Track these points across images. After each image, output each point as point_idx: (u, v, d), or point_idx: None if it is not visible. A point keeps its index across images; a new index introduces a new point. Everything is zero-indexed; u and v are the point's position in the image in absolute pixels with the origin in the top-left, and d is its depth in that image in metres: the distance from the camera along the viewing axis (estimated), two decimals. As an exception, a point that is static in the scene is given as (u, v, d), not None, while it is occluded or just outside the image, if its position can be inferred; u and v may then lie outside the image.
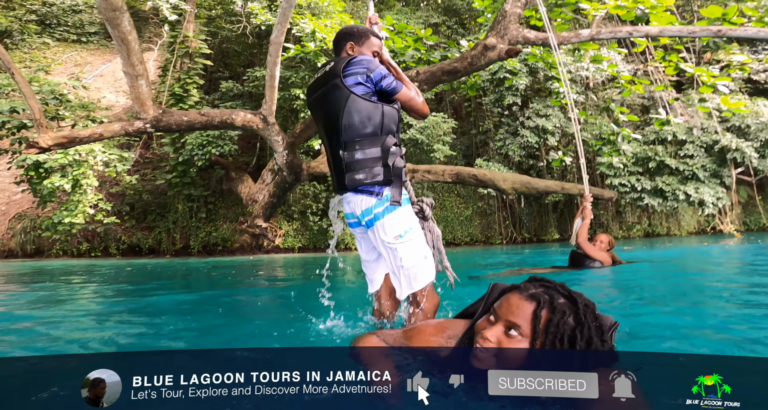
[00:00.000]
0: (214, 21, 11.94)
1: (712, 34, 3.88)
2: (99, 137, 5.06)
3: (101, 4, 4.03)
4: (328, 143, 1.80)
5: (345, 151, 1.70)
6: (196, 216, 10.59)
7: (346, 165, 1.70)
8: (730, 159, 10.55)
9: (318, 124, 1.89)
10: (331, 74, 1.75)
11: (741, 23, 4.61)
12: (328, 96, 1.74)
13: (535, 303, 1.05)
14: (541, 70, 9.69)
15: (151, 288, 4.65)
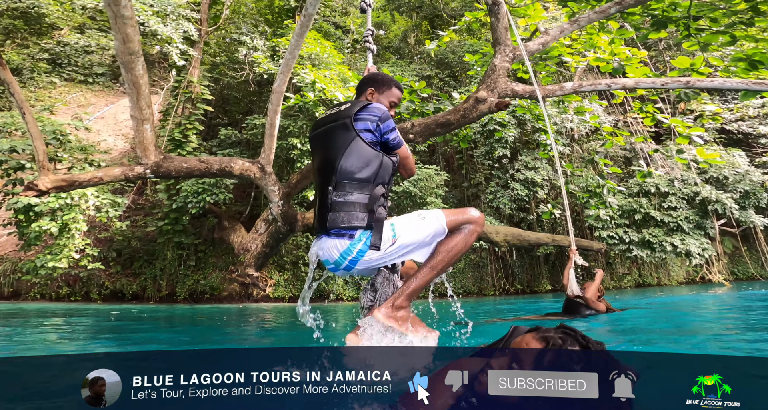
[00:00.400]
0: (217, 67, 12.37)
1: (683, 85, 4.16)
2: (99, 181, 5.07)
3: (119, 47, 4.19)
4: (320, 179, 1.79)
5: (335, 190, 1.70)
6: (184, 263, 10.39)
7: (331, 204, 1.70)
8: (711, 210, 10.90)
9: (315, 158, 1.88)
10: (344, 114, 1.78)
11: (708, 73, 5.00)
12: (334, 133, 1.76)
13: (544, 344, 1.06)
14: (529, 122, 10.23)
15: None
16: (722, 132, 13.64)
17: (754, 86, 3.90)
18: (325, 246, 1.75)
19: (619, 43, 5.93)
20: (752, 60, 4.80)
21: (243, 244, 8.51)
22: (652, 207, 10.79)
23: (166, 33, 9.65)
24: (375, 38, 16.11)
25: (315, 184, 1.87)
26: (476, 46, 11.39)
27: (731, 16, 4.84)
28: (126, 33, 4.15)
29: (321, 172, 1.79)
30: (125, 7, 3.93)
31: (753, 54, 4.76)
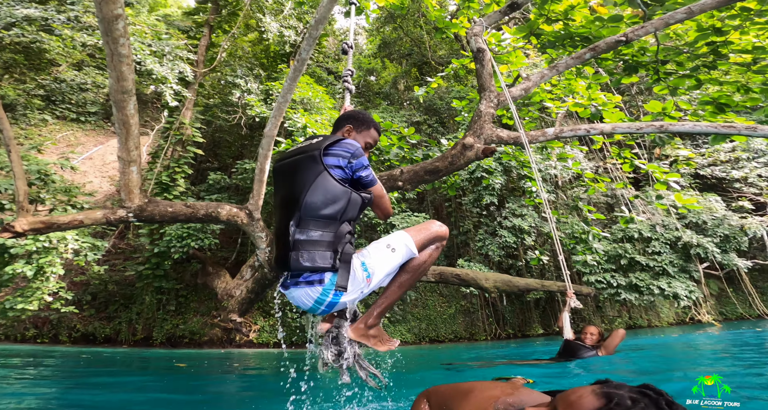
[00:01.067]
0: (210, 110, 12.43)
1: (657, 130, 4.34)
2: (79, 224, 4.92)
3: (112, 85, 4.21)
4: (281, 214, 1.67)
5: (297, 227, 1.59)
6: (164, 308, 10.00)
7: (293, 242, 1.58)
8: (694, 254, 11.09)
9: (277, 192, 1.75)
10: (314, 146, 1.68)
11: (679, 117, 5.26)
12: (301, 166, 1.65)
13: (605, 400, 0.84)
14: (515, 169, 10.55)
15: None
16: (697, 177, 14.21)
17: (722, 130, 4.10)
18: (296, 295, 1.66)
19: (596, 88, 6.28)
20: (718, 103, 5.11)
21: (227, 290, 8.19)
22: (637, 252, 10.94)
23: (162, 73, 9.78)
24: (366, 84, 16.78)
25: (275, 220, 1.73)
26: (463, 92, 11.93)
27: (695, 60, 5.20)
28: (121, 71, 4.19)
29: (283, 206, 1.68)
30: (123, 45, 4.00)
31: (719, 97, 5.08)
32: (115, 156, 14.67)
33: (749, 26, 4.68)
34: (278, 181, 1.78)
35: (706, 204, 11.95)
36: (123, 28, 3.87)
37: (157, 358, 7.02)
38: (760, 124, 4.86)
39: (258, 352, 8.68)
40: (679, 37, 5.46)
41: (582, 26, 5.46)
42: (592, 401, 0.83)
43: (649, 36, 5.08)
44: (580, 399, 0.85)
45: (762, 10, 4.43)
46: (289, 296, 1.71)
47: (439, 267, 6.27)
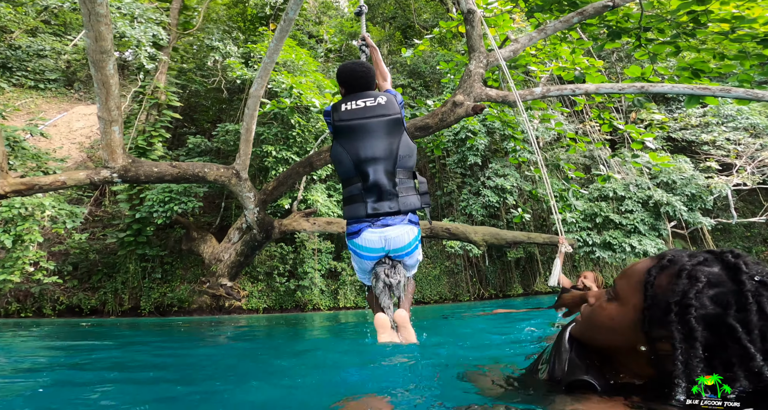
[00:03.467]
0: (185, 74, 12.07)
1: (637, 91, 4.50)
2: (61, 185, 4.80)
3: (90, 45, 4.01)
4: (379, 165, 1.93)
5: (396, 176, 1.93)
6: (149, 276, 9.90)
7: (398, 189, 1.92)
8: (663, 213, 11.66)
9: (364, 143, 1.96)
10: (390, 107, 2.01)
11: (657, 82, 5.44)
12: (390, 126, 1.98)
13: (657, 261, 0.78)
14: (498, 131, 10.65)
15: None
16: (669, 140, 14.74)
17: (698, 91, 4.29)
18: (399, 232, 1.93)
19: (580, 53, 6.36)
20: (694, 69, 5.28)
21: (215, 254, 8.21)
22: (611, 211, 11.43)
23: (135, 36, 9.32)
24: (348, 48, 16.24)
25: (369, 172, 1.94)
26: (448, 56, 11.80)
27: (676, 28, 5.33)
28: (99, 31, 4.01)
29: (380, 161, 1.94)
30: (101, 4, 3.81)
31: (695, 63, 5.25)
32: (81, 122, 13.99)
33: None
34: (371, 135, 1.98)
35: (676, 164, 12.45)
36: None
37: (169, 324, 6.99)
38: (733, 87, 5.08)
39: (263, 317, 8.75)
40: (662, 6, 5.52)
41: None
42: (646, 262, 0.80)
43: (633, 3, 5.13)
44: (635, 265, 0.82)
45: None
46: (387, 236, 1.92)
47: (428, 223, 6.43)
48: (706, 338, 0.67)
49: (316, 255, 10.08)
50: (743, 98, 4.16)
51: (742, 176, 12.79)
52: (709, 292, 0.68)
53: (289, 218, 6.84)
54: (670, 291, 0.71)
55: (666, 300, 0.71)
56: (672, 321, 0.69)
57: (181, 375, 2.26)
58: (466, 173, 11.64)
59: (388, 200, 1.90)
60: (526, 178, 11.49)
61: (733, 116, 14.00)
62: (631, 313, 0.76)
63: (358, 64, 2.13)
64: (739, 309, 0.65)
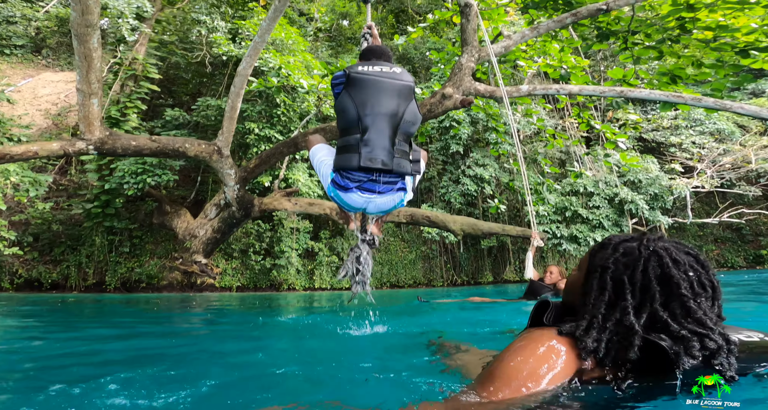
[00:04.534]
0: (166, 46, 11.62)
1: (617, 94, 4.72)
2: (33, 156, 4.59)
3: (76, 18, 3.91)
4: (384, 122, 1.98)
5: (396, 138, 2.00)
6: (116, 250, 9.60)
7: (395, 149, 1.97)
8: (627, 210, 12.30)
9: (377, 101, 2.01)
10: (407, 78, 2.14)
11: (636, 85, 5.69)
12: (403, 92, 2.08)
13: (602, 241, 1.07)
14: (481, 121, 10.79)
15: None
16: (640, 140, 15.39)
17: (672, 99, 4.55)
18: (385, 200, 2.04)
19: (568, 52, 6.50)
20: (673, 74, 5.54)
21: (189, 230, 8.06)
22: (580, 206, 11.94)
23: (118, 7, 8.90)
24: (339, 28, 15.77)
25: (371, 125, 1.97)
26: (439, 43, 11.73)
27: (663, 33, 5.53)
28: (87, 4, 3.89)
29: (386, 117, 2.00)
30: None
31: (674, 69, 5.50)
32: (47, 89, 13.24)
33: (720, 5, 4.95)
34: (384, 92, 2.05)
35: (644, 164, 13.07)
36: None
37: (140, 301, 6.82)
38: (705, 96, 5.37)
39: (237, 296, 8.65)
40: (653, 10, 5.68)
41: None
42: (597, 243, 1.11)
43: (626, 6, 5.26)
44: (593, 245, 1.12)
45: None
46: (374, 201, 2.03)
47: (410, 208, 6.53)
48: (612, 289, 0.95)
49: (294, 235, 10.06)
50: (713, 108, 4.43)
51: (701, 179, 13.60)
52: (622, 259, 0.97)
53: (270, 197, 6.79)
54: (600, 258, 1.01)
55: (596, 265, 1.01)
56: (594, 278, 0.99)
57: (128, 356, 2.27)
58: (447, 161, 11.80)
59: (383, 156, 1.93)
60: (504, 169, 11.77)
61: (701, 120, 14.73)
62: (582, 276, 1.06)
63: (382, 47, 2.35)
64: (633, 270, 0.94)
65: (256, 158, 6.42)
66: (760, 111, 4.29)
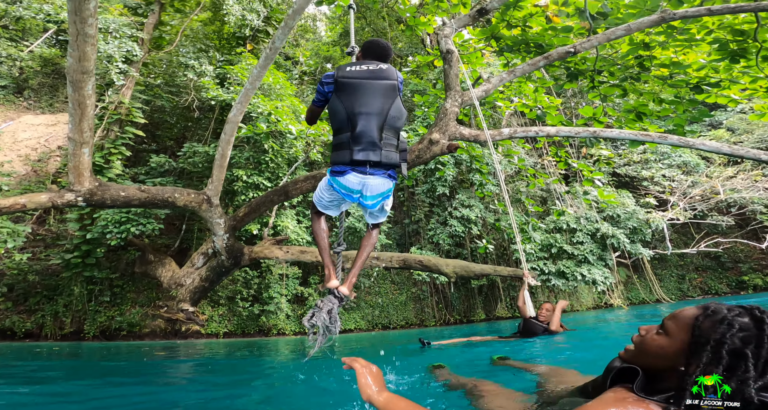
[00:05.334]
0: (152, 89, 11.60)
1: (591, 135, 5.01)
2: (21, 208, 4.51)
3: (72, 65, 3.90)
4: (371, 120, 2.16)
5: (383, 132, 2.17)
6: (96, 299, 9.21)
7: (383, 143, 2.15)
8: (609, 244, 12.60)
9: (363, 101, 2.19)
10: (392, 76, 2.29)
11: (605, 122, 6.03)
12: (387, 89, 2.24)
13: (703, 309, 1.06)
14: (465, 163, 11.11)
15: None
16: (613, 175, 16.10)
17: (640, 137, 4.86)
18: (377, 182, 2.20)
19: (542, 92, 6.92)
20: (638, 111, 5.92)
21: (175, 279, 7.84)
22: (565, 242, 12.19)
23: (108, 51, 9.03)
24: (323, 71, 16.34)
25: (360, 123, 2.16)
26: (420, 85, 12.26)
27: (624, 71, 5.97)
28: (84, 51, 3.93)
29: (372, 116, 2.18)
30: (90, 25, 3.75)
31: (638, 106, 5.89)
32: (28, 133, 13.06)
33: (671, 42, 5.43)
34: (370, 93, 2.23)
35: (620, 199, 13.58)
36: (94, 7, 3.65)
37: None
38: (669, 133, 5.74)
39: (224, 342, 8.34)
40: (614, 48, 6.18)
41: (537, 34, 5.96)
42: (692, 311, 1.08)
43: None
44: (682, 312, 1.11)
45: (684, 28, 5.13)
46: (367, 183, 2.18)
47: (402, 254, 6.58)
48: (727, 363, 0.97)
49: (283, 281, 9.86)
50: (677, 145, 4.72)
51: (675, 211, 14.17)
52: (739, 334, 0.99)
53: (260, 245, 6.73)
54: (712, 332, 1.01)
55: (708, 338, 1.01)
56: (707, 350, 0.99)
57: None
58: (434, 203, 12.00)
59: (372, 151, 2.11)
60: (489, 209, 12.02)
61: (668, 153, 15.59)
62: (678, 345, 1.07)
63: (383, 41, 2.48)
64: (757, 345, 0.96)
65: (246, 206, 6.42)
66: (720, 147, 4.58)
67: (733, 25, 4.90)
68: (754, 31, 4.54)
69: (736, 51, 4.96)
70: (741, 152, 4.40)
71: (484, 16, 5.56)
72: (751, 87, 5.43)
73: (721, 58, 5.12)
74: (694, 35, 5.18)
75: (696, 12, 4.33)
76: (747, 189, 14.39)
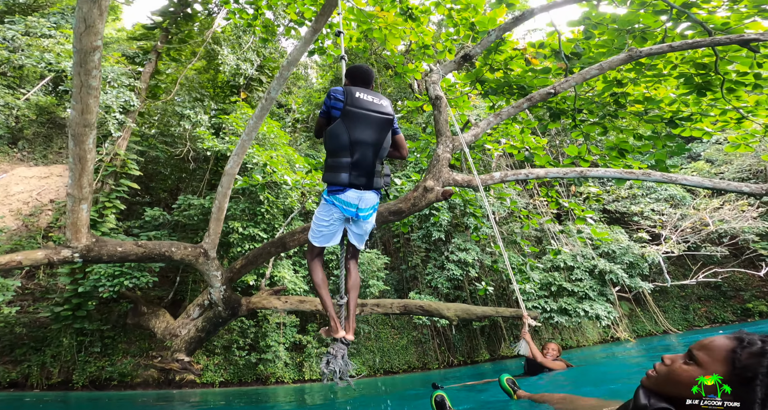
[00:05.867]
0: (147, 140, 11.56)
1: (578, 175, 5.11)
2: (17, 265, 4.46)
3: (74, 117, 3.84)
4: (369, 149, 2.45)
5: (377, 162, 2.49)
6: (86, 350, 8.95)
7: (376, 171, 2.49)
8: (608, 279, 12.58)
9: (363, 131, 2.45)
10: (388, 111, 2.56)
11: (590, 160, 6.13)
12: (384, 123, 2.52)
13: (737, 341, 1.03)
14: (458, 207, 11.27)
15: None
16: (604, 212, 16.34)
17: (625, 175, 4.98)
18: (371, 197, 2.51)
19: (528, 132, 7.12)
20: (620, 148, 6.04)
21: (169, 330, 7.64)
22: (563, 280, 12.17)
23: (105, 101, 9.12)
24: (315, 118, 16.75)
25: (359, 150, 2.44)
26: (411, 130, 12.63)
27: (602, 109, 6.14)
28: (87, 103, 3.90)
29: (371, 145, 2.46)
30: (95, 77, 3.78)
31: (619, 143, 6.01)
32: (21, 186, 12.99)
33: (641, 79, 5.65)
34: (371, 126, 2.49)
35: (613, 235, 13.72)
36: (98, 59, 3.72)
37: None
38: (652, 169, 5.88)
39: (221, 391, 8.00)
40: (590, 86, 6.45)
41: (519, 76, 6.24)
42: (725, 341, 1.05)
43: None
44: (713, 341, 1.07)
45: (651, 64, 5.37)
46: (363, 196, 2.47)
47: (402, 300, 6.53)
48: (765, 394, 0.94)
49: (281, 329, 9.61)
50: (661, 181, 4.84)
51: (669, 244, 14.30)
52: None
53: (258, 296, 6.64)
54: (757, 364, 0.98)
55: (755, 372, 0.97)
56: (758, 384, 0.96)
57: None
58: (430, 248, 12.08)
59: (367, 177, 2.44)
60: (486, 251, 12.07)
61: (654, 188, 15.95)
62: (709, 375, 1.03)
63: (367, 67, 2.71)
64: None
65: (243, 258, 6.38)
66: (702, 181, 4.69)
67: (694, 59, 5.13)
68: (714, 64, 4.73)
69: (701, 84, 5.16)
70: (722, 185, 4.52)
71: (469, 61, 5.85)
72: (721, 119, 5.59)
73: (688, 91, 5.31)
74: (662, 70, 5.41)
75: (659, 49, 4.59)
76: (735, 219, 14.64)
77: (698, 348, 1.10)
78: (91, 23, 3.29)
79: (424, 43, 6.61)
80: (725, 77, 4.86)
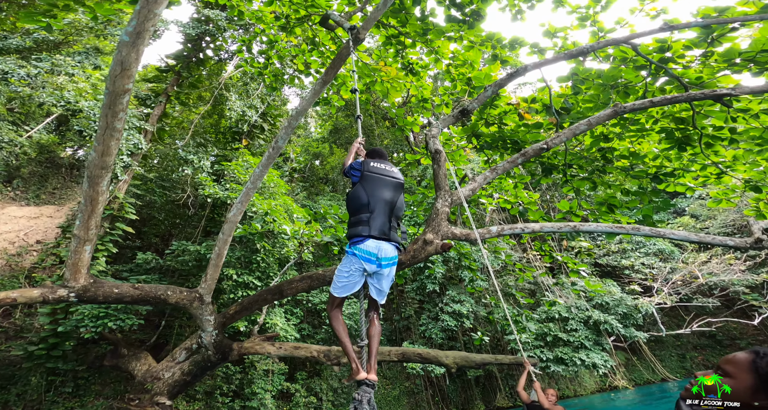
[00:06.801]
0: (146, 183, 11.45)
1: (571, 229, 5.18)
2: (12, 302, 4.37)
3: (94, 159, 3.82)
4: (387, 208, 2.78)
5: (392, 218, 2.79)
6: (56, 390, 8.44)
7: (392, 227, 2.76)
8: (603, 330, 12.49)
9: (383, 191, 2.83)
10: (400, 176, 3.01)
11: (582, 214, 6.21)
12: (398, 187, 2.92)
13: (755, 354, 1.15)
14: (453, 260, 11.37)
15: None
16: (595, 265, 16.61)
17: (616, 230, 5.09)
18: (389, 248, 2.71)
19: (521, 187, 7.31)
20: (609, 203, 6.17)
21: (151, 373, 7.32)
22: (559, 330, 12.07)
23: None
24: (312, 168, 17.12)
25: (379, 209, 2.77)
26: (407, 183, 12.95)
27: (591, 164, 6.24)
28: (108, 145, 3.88)
29: (388, 204, 2.80)
30: (120, 119, 3.78)
31: (608, 198, 6.10)
32: (9, 226, 12.70)
33: (626, 134, 5.87)
34: (385, 187, 2.87)
35: (606, 288, 13.85)
36: (126, 102, 3.82)
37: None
38: (640, 224, 6.00)
39: None
40: (579, 141, 6.70)
41: (512, 130, 6.50)
42: (744, 355, 1.17)
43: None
44: (735, 356, 1.19)
45: (634, 118, 5.60)
46: (381, 247, 2.67)
47: (400, 347, 6.40)
48: None
49: (268, 376, 9.20)
50: (650, 236, 4.97)
51: (661, 296, 14.40)
52: None
53: (251, 341, 6.47)
54: None
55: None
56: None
57: None
58: (424, 299, 12.07)
59: (383, 229, 2.69)
60: (480, 303, 12.04)
61: (643, 242, 16.30)
62: (743, 384, 1.13)
63: (381, 148, 3.22)
64: None
65: (237, 304, 6.29)
66: (688, 236, 4.81)
67: (674, 113, 5.38)
68: (692, 119, 4.95)
69: (681, 139, 5.38)
70: (708, 239, 4.65)
71: (466, 116, 6.13)
72: (702, 174, 5.79)
73: (669, 146, 5.53)
74: (644, 125, 5.66)
75: (641, 104, 4.87)
76: (724, 272, 14.89)
77: (725, 363, 1.22)
78: (127, 66, 3.39)
79: (423, 97, 6.94)
80: (702, 132, 5.05)
